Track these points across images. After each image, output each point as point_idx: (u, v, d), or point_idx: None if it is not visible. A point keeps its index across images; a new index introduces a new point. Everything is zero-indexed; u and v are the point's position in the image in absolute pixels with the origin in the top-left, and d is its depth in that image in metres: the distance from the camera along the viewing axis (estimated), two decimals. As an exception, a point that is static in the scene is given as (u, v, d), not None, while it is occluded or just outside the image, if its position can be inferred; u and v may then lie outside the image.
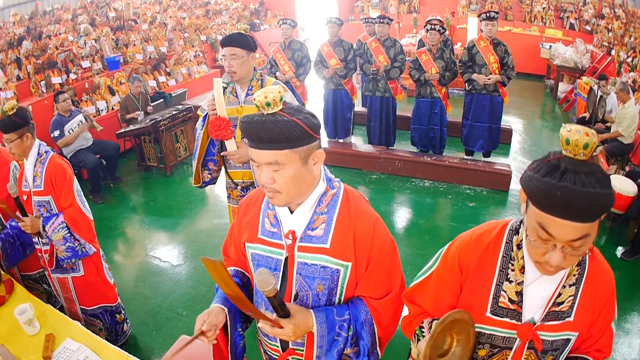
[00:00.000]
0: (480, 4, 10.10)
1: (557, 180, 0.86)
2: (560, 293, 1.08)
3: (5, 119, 2.16)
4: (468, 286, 1.17)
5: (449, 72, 4.88)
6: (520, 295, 1.10)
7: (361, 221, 1.24)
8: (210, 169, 2.55)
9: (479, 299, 1.15)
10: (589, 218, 0.87)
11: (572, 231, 0.88)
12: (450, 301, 1.21)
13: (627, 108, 4.73)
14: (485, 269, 1.14)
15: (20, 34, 6.30)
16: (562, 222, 0.88)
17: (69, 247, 2.34)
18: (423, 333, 1.23)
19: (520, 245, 1.10)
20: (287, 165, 1.12)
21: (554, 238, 0.91)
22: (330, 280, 1.24)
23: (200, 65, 7.87)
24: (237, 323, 1.36)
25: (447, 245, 1.27)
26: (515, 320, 1.12)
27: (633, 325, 2.91)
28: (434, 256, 1.31)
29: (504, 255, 1.12)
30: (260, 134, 1.08)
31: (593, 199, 0.84)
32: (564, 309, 1.09)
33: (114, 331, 2.70)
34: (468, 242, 1.18)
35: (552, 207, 0.88)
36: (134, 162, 5.81)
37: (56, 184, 2.29)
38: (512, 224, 1.15)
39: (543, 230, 0.91)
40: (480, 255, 1.15)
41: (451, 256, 1.21)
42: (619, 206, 3.63)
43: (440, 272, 1.24)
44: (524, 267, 1.09)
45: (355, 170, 5.34)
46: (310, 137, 1.12)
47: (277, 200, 1.17)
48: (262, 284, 1.04)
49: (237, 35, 2.29)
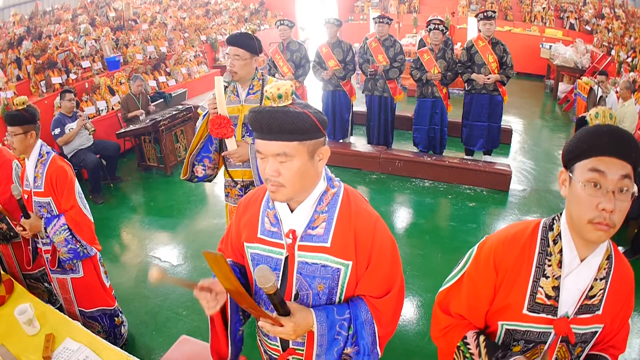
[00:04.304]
0: (480, 4, 10.10)
1: (602, 127, 1.04)
2: (592, 286, 1.13)
3: (14, 112, 2.20)
4: (505, 286, 1.19)
5: (450, 72, 4.88)
6: (557, 290, 1.14)
7: (362, 220, 1.24)
8: (206, 165, 2.54)
9: (516, 298, 1.17)
10: (629, 157, 1.00)
11: (620, 167, 1.00)
12: (485, 303, 1.23)
13: (627, 107, 4.74)
14: (522, 268, 1.17)
15: (20, 34, 6.30)
16: (610, 159, 1.00)
17: (71, 249, 2.34)
18: (469, 350, 1.23)
19: (556, 240, 1.14)
20: (294, 157, 1.12)
21: (605, 177, 1.00)
22: (331, 279, 1.24)
23: (200, 65, 7.87)
24: (239, 308, 1.34)
25: (476, 246, 1.28)
26: (551, 315, 1.15)
27: (633, 325, 2.91)
28: (462, 259, 1.31)
29: (541, 252, 1.16)
30: (270, 123, 1.09)
31: (629, 137, 1.01)
32: (595, 302, 1.14)
33: (112, 334, 2.70)
34: (504, 242, 1.20)
35: (601, 145, 1.01)
36: (134, 162, 5.81)
37: (57, 186, 2.28)
38: (545, 222, 1.19)
39: (596, 172, 1.01)
40: (517, 254, 1.17)
41: (485, 257, 1.22)
42: (619, 206, 3.63)
43: (473, 274, 1.25)
44: (561, 262, 1.13)
45: (355, 170, 5.34)
46: (318, 131, 1.14)
47: (280, 194, 1.16)
48: (262, 280, 1.02)
49: (243, 36, 2.29)
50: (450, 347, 1.29)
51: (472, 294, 1.25)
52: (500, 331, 1.22)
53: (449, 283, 1.32)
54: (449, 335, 1.30)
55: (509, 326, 1.20)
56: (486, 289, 1.21)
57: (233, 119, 2.33)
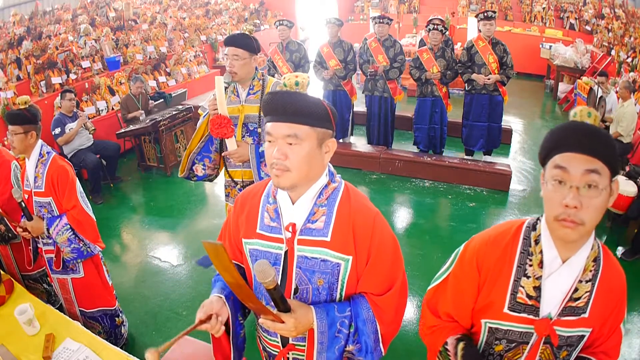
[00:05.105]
0: (480, 4, 10.10)
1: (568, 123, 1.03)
2: (577, 288, 1.11)
3: (15, 111, 2.20)
4: (487, 285, 1.19)
5: (450, 71, 4.88)
6: (538, 290, 1.13)
7: (361, 215, 1.24)
8: (206, 165, 2.55)
9: (497, 296, 1.17)
10: (596, 152, 0.98)
11: (583, 162, 0.98)
12: (469, 302, 1.23)
13: (627, 107, 4.74)
14: (504, 267, 1.16)
15: (20, 34, 6.30)
16: (573, 155, 0.99)
17: (74, 249, 2.34)
18: (449, 356, 1.24)
19: (538, 240, 1.13)
20: (304, 141, 1.14)
21: (568, 172, 0.99)
22: (331, 274, 1.24)
23: (200, 65, 7.88)
24: (238, 312, 1.34)
25: (462, 246, 1.28)
26: (532, 315, 1.14)
27: (633, 325, 2.91)
28: (449, 258, 1.31)
29: (522, 251, 1.15)
30: (286, 105, 1.12)
31: (595, 131, 0.98)
32: (580, 304, 1.12)
33: (113, 335, 2.69)
34: (486, 242, 1.20)
35: (565, 141, 1.00)
36: (134, 162, 5.81)
37: (58, 186, 2.28)
38: (529, 222, 1.18)
39: (559, 169, 1.00)
40: (499, 254, 1.17)
41: (468, 257, 1.22)
42: (619, 206, 3.63)
43: (458, 273, 1.26)
44: (542, 262, 1.12)
45: (355, 170, 5.34)
46: (329, 122, 1.18)
47: (285, 179, 1.16)
48: (262, 275, 1.01)
49: (241, 36, 2.29)
50: (435, 348, 1.30)
51: (458, 293, 1.25)
52: (484, 329, 1.23)
53: (437, 281, 1.33)
54: (434, 335, 1.31)
55: (491, 324, 1.20)
56: (470, 289, 1.22)
57: (233, 119, 2.33)
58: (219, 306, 1.25)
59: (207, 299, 1.27)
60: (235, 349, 1.34)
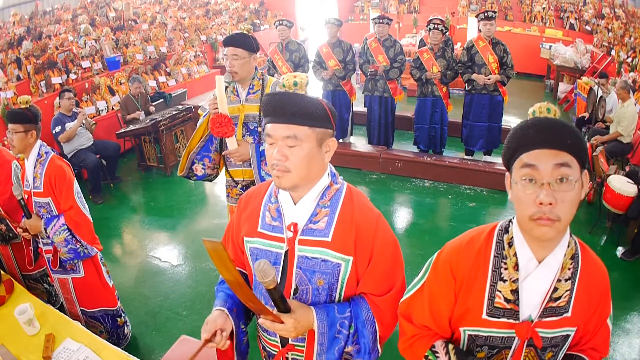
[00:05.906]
0: (480, 4, 10.10)
1: (529, 120, 1.02)
2: (556, 288, 1.08)
3: (17, 109, 2.21)
4: (463, 292, 1.15)
5: (450, 71, 4.88)
6: (516, 293, 1.10)
7: (364, 216, 1.24)
8: (205, 164, 2.55)
9: (474, 303, 1.14)
10: (563, 145, 0.96)
11: (551, 157, 0.96)
12: (447, 310, 1.19)
13: (627, 107, 4.73)
14: (479, 272, 1.13)
15: (20, 34, 6.30)
16: (540, 151, 0.98)
17: (71, 249, 2.34)
18: (438, 358, 1.19)
19: (511, 242, 1.10)
20: (303, 142, 1.14)
21: (538, 169, 0.97)
22: (331, 274, 1.24)
23: (200, 65, 7.88)
24: (240, 320, 1.35)
25: (435, 254, 1.24)
26: (512, 319, 1.11)
27: (633, 325, 2.91)
28: (421, 268, 1.27)
29: (496, 255, 1.12)
30: (285, 106, 1.13)
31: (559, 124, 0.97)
32: (561, 304, 1.09)
33: (115, 335, 2.70)
34: (459, 248, 1.17)
35: (530, 139, 0.98)
36: (134, 162, 5.80)
37: (56, 186, 2.28)
38: (501, 224, 1.15)
39: (527, 167, 0.98)
40: (473, 260, 1.14)
41: (442, 265, 1.18)
42: (619, 206, 3.63)
43: (432, 282, 1.21)
44: (517, 264, 1.09)
45: (355, 170, 5.34)
46: (329, 121, 1.18)
47: (285, 180, 1.16)
48: (262, 274, 1.01)
49: (239, 35, 2.30)
50: (418, 356, 1.24)
51: (434, 302, 1.21)
52: (463, 337, 1.19)
53: (410, 292, 1.27)
54: (414, 346, 1.25)
55: (471, 332, 1.17)
56: (446, 297, 1.18)
57: (234, 119, 2.33)
58: (222, 321, 1.26)
59: (210, 316, 1.28)
60: (238, 355, 1.36)
